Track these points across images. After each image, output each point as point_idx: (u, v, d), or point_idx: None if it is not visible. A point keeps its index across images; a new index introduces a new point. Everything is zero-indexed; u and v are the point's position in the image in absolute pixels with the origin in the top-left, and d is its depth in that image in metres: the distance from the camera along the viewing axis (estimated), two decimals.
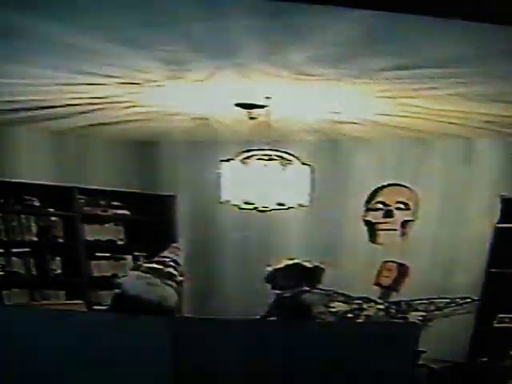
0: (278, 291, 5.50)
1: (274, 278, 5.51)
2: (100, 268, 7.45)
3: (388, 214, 7.54)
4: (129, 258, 7.62)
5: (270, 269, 5.55)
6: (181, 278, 3.80)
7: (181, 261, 3.86)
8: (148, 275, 3.56)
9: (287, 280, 5.46)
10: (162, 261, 3.82)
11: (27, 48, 4.54)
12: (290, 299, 5.37)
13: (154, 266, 3.77)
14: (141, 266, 4.00)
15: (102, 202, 7.61)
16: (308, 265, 5.50)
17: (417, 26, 3.94)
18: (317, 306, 5.42)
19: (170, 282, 3.57)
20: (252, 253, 7.60)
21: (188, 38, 4.36)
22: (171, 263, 3.83)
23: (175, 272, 3.77)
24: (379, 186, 7.56)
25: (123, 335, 3.10)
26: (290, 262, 5.54)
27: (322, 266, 5.54)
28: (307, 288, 5.45)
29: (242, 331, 3.11)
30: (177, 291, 3.57)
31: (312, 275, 5.49)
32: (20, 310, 4.88)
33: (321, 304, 5.59)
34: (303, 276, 5.45)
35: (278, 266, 5.52)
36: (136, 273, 3.64)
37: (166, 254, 3.90)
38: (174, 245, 4.01)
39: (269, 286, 5.53)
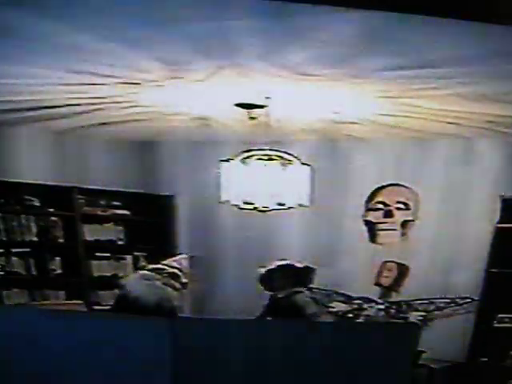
0: (271, 292, 5.52)
1: (267, 278, 5.53)
2: (100, 268, 7.45)
3: (388, 214, 7.54)
4: (129, 258, 7.62)
5: (262, 270, 5.57)
6: (185, 280, 3.81)
7: (186, 264, 3.87)
8: (150, 276, 3.56)
9: (279, 281, 5.48)
10: (166, 263, 3.83)
11: (27, 48, 4.54)
12: (284, 300, 5.38)
13: (158, 266, 3.78)
14: (145, 267, 4.01)
15: (102, 202, 7.61)
16: (299, 265, 5.53)
17: (417, 26, 3.94)
18: (310, 307, 5.43)
19: (173, 284, 3.57)
20: (252, 253, 7.59)
21: (188, 38, 4.36)
22: (176, 265, 3.84)
23: (179, 273, 3.77)
24: (379, 186, 7.55)
25: (123, 335, 3.10)
26: (282, 262, 5.56)
27: (312, 266, 5.57)
28: (300, 289, 5.47)
29: (241, 331, 3.11)
30: (180, 293, 3.57)
31: (303, 275, 5.52)
32: (20, 309, 4.88)
33: (314, 305, 5.60)
34: (294, 276, 5.47)
35: (270, 267, 5.54)
36: (139, 274, 3.64)
37: (171, 260, 3.92)
38: (182, 256, 4.03)
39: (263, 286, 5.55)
